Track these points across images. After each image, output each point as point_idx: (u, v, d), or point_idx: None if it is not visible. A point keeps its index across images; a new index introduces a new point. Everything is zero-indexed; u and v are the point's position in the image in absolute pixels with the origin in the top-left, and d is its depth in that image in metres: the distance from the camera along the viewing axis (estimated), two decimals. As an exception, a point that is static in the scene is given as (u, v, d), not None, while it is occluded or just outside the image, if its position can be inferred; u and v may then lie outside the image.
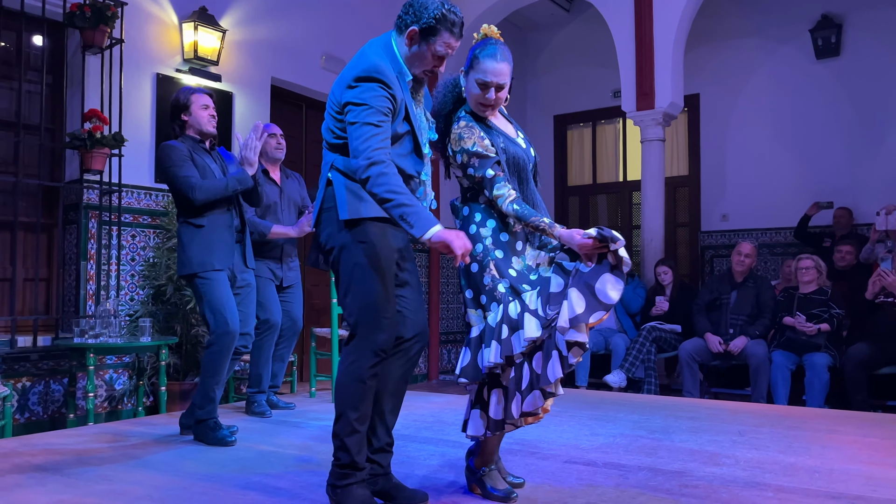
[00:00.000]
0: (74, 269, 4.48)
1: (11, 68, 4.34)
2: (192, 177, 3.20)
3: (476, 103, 2.31)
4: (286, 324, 4.14)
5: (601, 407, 4.20)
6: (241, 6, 5.42)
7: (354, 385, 2.14)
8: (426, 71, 2.22)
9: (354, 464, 2.15)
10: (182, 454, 3.01)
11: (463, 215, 2.34)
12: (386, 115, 2.09)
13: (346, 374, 2.15)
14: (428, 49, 2.15)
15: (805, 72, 6.95)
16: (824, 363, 4.79)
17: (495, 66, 2.25)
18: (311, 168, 6.13)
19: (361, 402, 2.15)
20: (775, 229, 7.06)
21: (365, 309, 2.14)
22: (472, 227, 2.29)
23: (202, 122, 3.36)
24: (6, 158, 4.28)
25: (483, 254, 2.24)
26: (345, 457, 2.14)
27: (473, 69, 2.28)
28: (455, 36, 2.16)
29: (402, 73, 2.18)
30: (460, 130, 2.29)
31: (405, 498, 2.24)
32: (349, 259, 2.16)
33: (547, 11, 8.10)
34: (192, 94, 3.38)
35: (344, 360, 2.18)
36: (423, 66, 2.20)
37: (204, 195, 3.20)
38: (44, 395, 4.22)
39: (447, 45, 2.15)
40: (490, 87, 2.26)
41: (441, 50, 2.16)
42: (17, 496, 2.35)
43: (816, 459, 2.89)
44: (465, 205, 2.34)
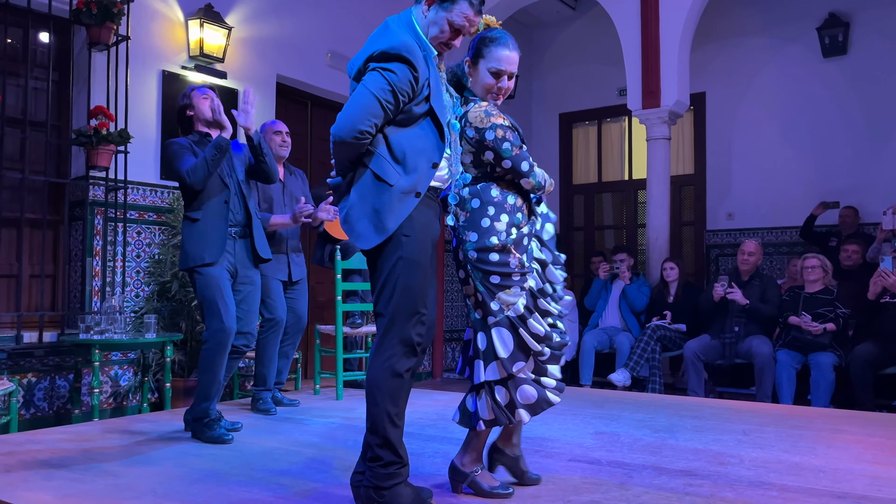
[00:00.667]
0: (80, 265, 4.49)
1: (18, 65, 4.35)
2: (184, 164, 3.23)
3: (486, 92, 2.31)
4: (291, 320, 4.15)
5: (605, 406, 4.19)
6: (247, 3, 5.42)
7: (392, 380, 2.09)
8: (442, 44, 2.18)
9: (399, 460, 2.11)
10: (187, 450, 3.01)
11: (472, 207, 2.30)
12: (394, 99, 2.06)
13: (382, 369, 2.09)
14: (445, 16, 2.13)
15: (812, 70, 6.92)
16: (830, 363, 4.77)
17: (509, 54, 2.28)
18: (317, 165, 6.13)
19: (400, 398, 2.11)
20: (781, 228, 7.04)
21: (405, 303, 2.09)
22: (486, 220, 2.27)
23: (204, 112, 3.41)
24: (13, 155, 4.29)
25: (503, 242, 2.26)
26: (388, 454, 2.09)
27: (484, 58, 2.28)
28: (474, 9, 2.14)
29: (427, 50, 2.14)
30: (484, 108, 2.28)
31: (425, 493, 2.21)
32: (393, 252, 2.10)
33: (553, 9, 8.09)
34: (191, 91, 3.47)
35: (379, 355, 2.10)
36: (439, 36, 2.16)
37: (193, 177, 3.23)
38: (49, 390, 4.23)
39: (465, 16, 2.14)
40: (503, 76, 2.29)
41: (458, 21, 2.13)
42: (23, 491, 2.36)
43: (821, 459, 2.88)
44: (475, 196, 2.30)
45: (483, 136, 2.26)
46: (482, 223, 2.27)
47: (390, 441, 2.08)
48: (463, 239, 2.31)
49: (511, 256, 2.26)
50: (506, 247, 2.25)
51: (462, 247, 2.31)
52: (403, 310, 2.09)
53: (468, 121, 2.29)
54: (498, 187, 2.30)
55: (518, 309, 2.26)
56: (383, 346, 2.10)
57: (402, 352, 2.09)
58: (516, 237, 2.28)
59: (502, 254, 2.26)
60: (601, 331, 5.93)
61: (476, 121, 2.27)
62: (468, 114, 2.30)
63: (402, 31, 2.12)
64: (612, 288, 6.11)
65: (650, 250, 6.35)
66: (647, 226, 6.46)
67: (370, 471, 2.10)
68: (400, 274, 2.09)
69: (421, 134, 2.13)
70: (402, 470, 2.10)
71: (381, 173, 2.09)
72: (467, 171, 2.33)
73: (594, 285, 6.27)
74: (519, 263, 2.27)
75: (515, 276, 2.26)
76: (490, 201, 2.28)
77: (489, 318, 2.27)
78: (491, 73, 2.28)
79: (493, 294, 2.26)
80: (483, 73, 2.30)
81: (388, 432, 2.08)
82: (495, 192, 2.29)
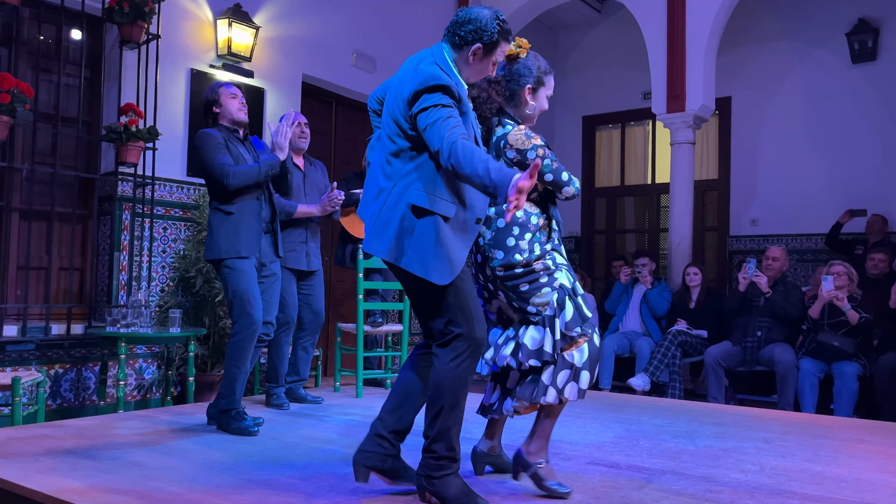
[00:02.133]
0: (108, 259, 4.56)
1: (51, 62, 4.44)
2: (227, 164, 3.29)
3: (534, 117, 2.53)
4: (309, 316, 4.19)
5: (625, 410, 4.18)
6: (275, 3, 5.48)
7: (457, 383, 2.21)
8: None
9: (453, 456, 2.24)
10: (209, 443, 3.06)
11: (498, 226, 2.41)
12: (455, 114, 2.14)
13: (448, 372, 2.21)
14: (489, 60, 2.29)
15: (840, 76, 6.85)
16: (854, 372, 4.72)
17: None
18: (340, 164, 6.18)
19: (462, 399, 2.24)
20: (806, 235, 6.97)
21: (464, 309, 2.22)
22: (511, 239, 2.40)
23: (232, 111, 3.47)
24: (44, 150, 4.38)
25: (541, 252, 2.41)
26: (443, 449, 2.22)
27: (545, 86, 2.51)
28: (509, 42, 2.33)
29: (459, 84, 2.25)
30: (524, 131, 2.44)
31: (410, 477, 2.35)
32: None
33: (578, 12, 8.07)
34: (219, 87, 3.53)
35: (444, 358, 2.22)
36: (482, 75, 2.33)
37: (237, 181, 3.29)
38: (76, 382, 4.31)
39: (504, 52, 2.33)
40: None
41: (500, 59, 2.32)
42: (51, 479, 2.41)
43: (844, 469, 2.86)
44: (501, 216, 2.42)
45: (525, 156, 2.39)
46: (507, 242, 2.39)
47: (447, 438, 2.23)
48: (489, 256, 2.42)
49: (536, 264, 2.39)
50: (529, 263, 2.38)
51: (488, 264, 2.42)
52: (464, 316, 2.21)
53: (508, 143, 2.41)
54: (523, 208, 2.40)
55: (553, 305, 2.38)
56: (450, 350, 2.22)
57: (468, 354, 2.22)
58: (539, 253, 2.40)
59: (526, 268, 2.38)
60: (621, 335, 5.91)
61: (517, 143, 2.40)
62: (507, 136, 2.42)
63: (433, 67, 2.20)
64: (633, 292, 6.09)
65: (672, 255, 6.31)
66: (669, 230, 6.42)
67: (424, 460, 2.26)
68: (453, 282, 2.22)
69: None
70: (452, 464, 2.24)
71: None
72: None
73: (615, 289, 6.25)
74: (544, 266, 2.39)
75: (543, 279, 2.39)
76: (515, 221, 2.40)
77: (530, 318, 2.40)
78: (548, 98, 2.54)
79: (526, 300, 2.40)
80: (543, 100, 2.52)
81: (447, 430, 2.22)
82: (520, 213, 2.40)
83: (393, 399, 2.36)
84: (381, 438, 2.33)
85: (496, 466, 2.65)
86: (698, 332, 5.56)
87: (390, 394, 2.39)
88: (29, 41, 4.38)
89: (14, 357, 4.03)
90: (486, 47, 2.24)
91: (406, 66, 2.27)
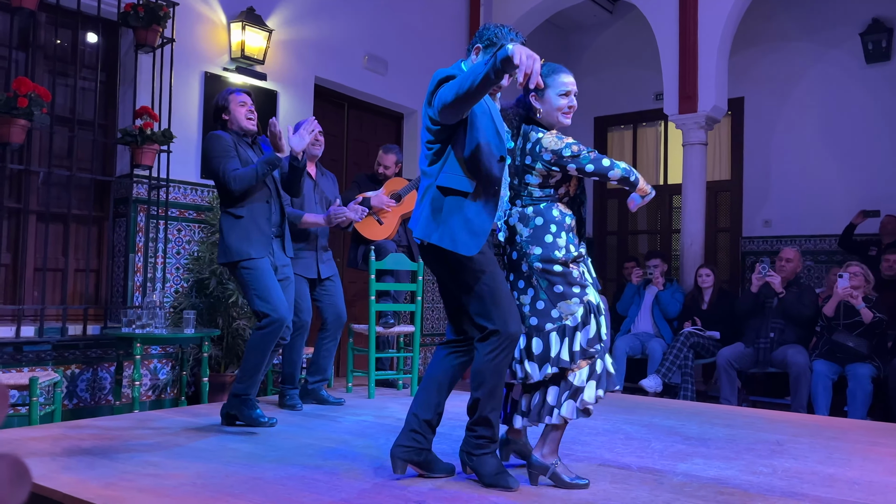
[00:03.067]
0: (123, 260, 4.61)
1: (67, 66, 4.50)
2: (230, 169, 3.32)
3: (559, 114, 2.63)
4: (331, 317, 4.22)
5: (636, 411, 4.18)
6: (288, 6, 5.52)
7: (494, 374, 2.46)
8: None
9: (493, 438, 2.51)
10: (224, 443, 3.09)
11: (536, 224, 2.57)
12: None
13: (489, 363, 2.45)
14: None
15: (854, 76, 6.81)
16: (868, 374, 4.69)
17: (569, 76, 2.65)
18: (352, 166, 6.21)
19: (499, 387, 2.50)
20: (819, 236, 6.93)
21: (499, 305, 2.44)
22: (549, 236, 2.55)
23: (240, 119, 3.50)
24: (61, 152, 4.44)
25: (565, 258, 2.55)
26: (484, 431, 2.50)
27: (549, 87, 2.61)
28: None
29: None
30: (555, 134, 2.60)
31: (441, 468, 2.59)
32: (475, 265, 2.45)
33: (590, 13, 8.07)
34: (229, 94, 3.55)
35: (482, 352, 2.46)
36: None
37: (239, 185, 3.32)
38: (91, 382, 4.36)
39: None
40: (570, 94, 2.62)
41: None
42: (68, 479, 2.44)
43: (857, 471, 2.84)
44: (539, 215, 2.58)
45: (560, 154, 2.53)
46: (545, 238, 2.55)
47: (489, 422, 2.49)
48: (526, 252, 2.57)
49: (573, 268, 2.55)
50: (567, 263, 2.54)
51: (526, 259, 2.57)
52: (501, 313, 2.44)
53: (543, 147, 2.56)
54: (559, 208, 2.60)
55: (576, 319, 2.52)
56: (489, 345, 2.44)
57: (505, 348, 2.45)
58: (576, 254, 2.57)
59: (565, 266, 2.54)
60: (633, 336, 5.90)
61: (551, 145, 2.55)
62: (541, 141, 2.57)
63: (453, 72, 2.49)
64: (645, 293, 6.08)
65: (684, 256, 6.30)
66: (681, 231, 6.41)
67: (466, 437, 2.55)
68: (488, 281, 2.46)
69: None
70: (490, 445, 2.51)
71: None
72: (532, 193, 2.61)
73: (627, 290, 6.24)
74: (580, 275, 2.56)
75: (576, 288, 2.54)
76: (552, 220, 2.57)
77: (547, 325, 2.53)
78: (560, 95, 2.61)
79: (554, 303, 2.53)
80: (553, 99, 2.61)
81: (488, 415, 2.49)
82: (556, 212, 2.59)
83: (423, 395, 2.60)
84: (416, 433, 2.56)
85: (522, 454, 2.80)
86: (711, 333, 5.55)
87: (420, 390, 2.63)
88: (45, 45, 4.43)
89: (31, 357, 4.08)
90: (484, 49, 2.52)
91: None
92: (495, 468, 2.48)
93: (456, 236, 2.41)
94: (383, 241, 4.78)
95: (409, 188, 4.87)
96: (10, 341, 3.98)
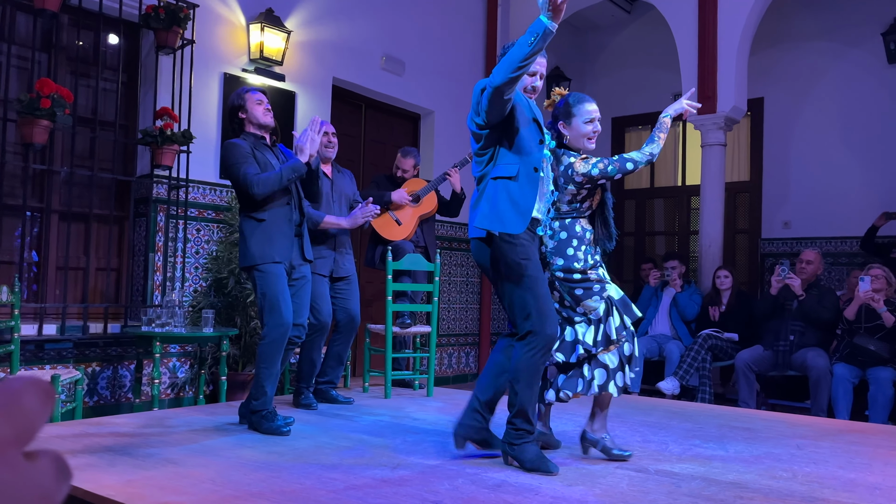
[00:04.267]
0: (143, 260, 4.66)
1: (89, 67, 4.55)
2: (250, 174, 3.33)
3: (585, 139, 2.98)
4: (344, 319, 4.23)
5: (654, 414, 4.16)
6: (306, 8, 5.55)
7: (531, 371, 2.73)
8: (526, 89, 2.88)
9: (529, 428, 2.76)
10: (241, 442, 3.11)
11: (560, 238, 2.92)
12: None
13: (527, 361, 2.72)
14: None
15: (876, 76, 6.72)
16: (889, 377, 4.63)
17: (593, 104, 3.00)
18: (369, 166, 6.23)
19: (536, 382, 2.78)
20: (840, 238, 6.85)
21: (541, 309, 2.71)
22: (570, 249, 2.91)
23: (258, 115, 3.50)
24: (83, 153, 4.49)
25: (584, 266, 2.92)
26: (521, 422, 2.74)
27: (576, 115, 2.96)
28: (544, 57, 2.89)
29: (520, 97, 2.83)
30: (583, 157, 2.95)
31: (496, 445, 2.88)
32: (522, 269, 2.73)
33: (607, 13, 8.04)
34: (245, 92, 3.54)
35: (521, 350, 2.74)
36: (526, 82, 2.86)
37: (262, 189, 3.32)
38: (112, 380, 4.41)
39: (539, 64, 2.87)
40: (594, 121, 2.97)
41: (535, 67, 2.85)
42: (90, 475, 2.47)
43: (878, 476, 2.81)
44: (564, 230, 2.94)
45: (590, 172, 2.89)
46: (567, 251, 2.91)
47: (526, 414, 2.74)
48: (549, 262, 2.93)
49: (591, 273, 2.91)
50: (585, 271, 2.90)
51: (549, 268, 2.93)
52: (540, 315, 2.71)
53: (574, 170, 2.91)
54: (581, 224, 2.96)
55: (598, 313, 2.89)
56: (527, 344, 2.72)
57: (542, 349, 2.72)
58: (592, 263, 2.93)
59: (583, 274, 2.89)
60: (650, 338, 5.87)
61: (581, 168, 2.91)
62: (573, 166, 2.92)
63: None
64: (663, 295, 6.04)
65: (703, 258, 6.25)
66: (699, 233, 6.36)
67: (507, 430, 2.78)
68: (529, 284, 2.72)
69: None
70: (529, 434, 2.75)
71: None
72: (560, 208, 2.96)
73: (644, 292, 6.21)
74: (598, 278, 2.92)
75: (596, 287, 2.90)
76: (575, 235, 2.93)
77: (576, 317, 2.92)
78: (586, 122, 2.96)
79: (578, 302, 2.91)
80: (579, 126, 2.96)
81: (526, 407, 2.73)
82: (579, 227, 2.94)
83: (485, 379, 2.92)
84: (477, 413, 2.87)
85: (547, 445, 3.06)
86: (729, 335, 5.50)
87: (482, 375, 2.95)
88: (68, 47, 4.49)
89: (53, 355, 4.13)
90: None
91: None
92: (535, 454, 2.72)
93: (503, 217, 2.68)
94: (401, 241, 4.79)
95: (427, 189, 4.87)
96: (32, 339, 4.03)
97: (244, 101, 3.51)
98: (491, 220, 2.69)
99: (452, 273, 6.81)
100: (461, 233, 6.87)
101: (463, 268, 6.94)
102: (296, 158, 3.44)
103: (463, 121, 6.86)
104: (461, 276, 6.93)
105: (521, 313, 2.71)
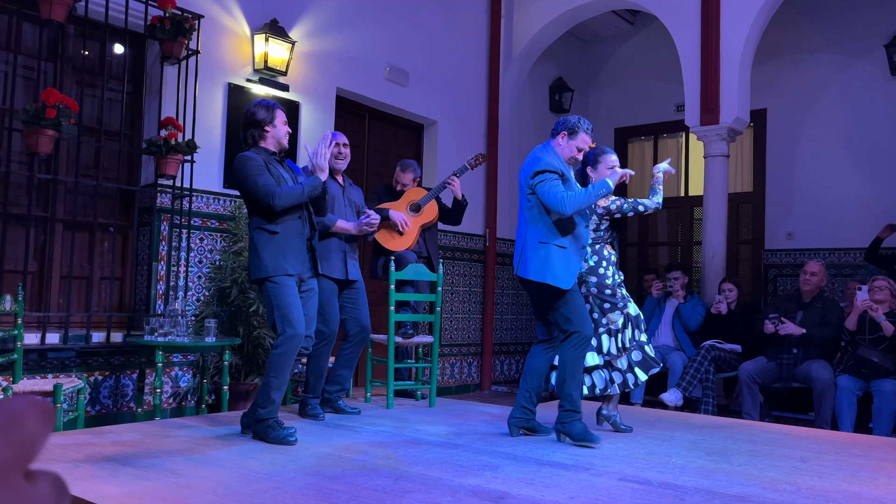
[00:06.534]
0: (146, 269, 4.67)
1: (95, 77, 4.58)
2: (270, 185, 3.35)
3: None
4: (354, 330, 4.23)
5: (657, 426, 4.14)
6: (310, 18, 5.58)
7: (576, 363, 3.47)
8: (570, 159, 3.56)
9: (576, 409, 3.45)
10: (244, 452, 3.11)
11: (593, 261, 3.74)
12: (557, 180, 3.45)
13: (572, 355, 3.46)
14: (574, 144, 3.54)
15: (879, 88, 6.73)
16: (893, 390, 4.61)
17: (614, 155, 3.82)
18: (373, 177, 6.24)
19: (579, 372, 3.50)
20: (844, 250, 6.84)
21: (581, 315, 3.47)
22: (601, 269, 3.73)
23: (282, 137, 3.54)
24: (88, 162, 4.51)
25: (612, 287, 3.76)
26: (569, 405, 3.45)
27: (601, 163, 3.77)
28: (589, 136, 3.56)
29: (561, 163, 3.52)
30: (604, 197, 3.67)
31: (543, 430, 3.63)
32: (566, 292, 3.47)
33: (611, 24, 8.07)
34: (275, 109, 3.53)
35: (566, 347, 3.47)
36: (569, 154, 3.55)
37: (283, 201, 3.35)
38: (114, 389, 4.41)
39: (584, 140, 3.55)
40: (616, 167, 3.68)
41: (581, 145, 3.55)
42: (91, 485, 2.47)
43: (882, 489, 2.79)
44: (595, 255, 3.76)
45: (610, 209, 3.75)
46: (598, 271, 3.73)
47: (574, 399, 3.45)
48: (585, 280, 3.74)
49: (617, 290, 3.75)
50: (613, 287, 3.74)
51: (585, 285, 3.74)
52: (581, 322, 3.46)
53: (597, 205, 3.73)
54: (607, 249, 3.79)
55: (617, 325, 3.74)
56: (571, 344, 3.46)
57: (584, 348, 3.50)
58: (619, 280, 3.77)
59: (611, 289, 3.73)
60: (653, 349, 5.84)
61: (603, 203, 3.75)
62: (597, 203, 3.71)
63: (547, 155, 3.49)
64: (666, 306, 6.03)
65: (706, 269, 6.24)
66: (703, 244, 6.36)
67: (559, 412, 3.50)
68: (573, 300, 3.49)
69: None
70: (576, 413, 3.45)
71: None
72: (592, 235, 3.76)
73: (647, 303, 6.19)
74: (622, 296, 3.76)
75: (620, 304, 3.75)
76: (603, 258, 3.76)
77: (600, 328, 3.74)
78: (608, 168, 3.72)
79: (603, 314, 3.75)
80: (603, 172, 3.72)
81: (575, 392, 3.45)
82: (606, 252, 3.77)
83: (528, 379, 3.61)
84: (524, 408, 3.60)
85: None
86: (732, 346, 5.48)
87: (524, 376, 3.62)
88: (73, 57, 4.52)
89: (56, 364, 4.14)
90: (569, 133, 3.53)
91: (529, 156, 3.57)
92: (582, 430, 3.40)
93: (557, 275, 3.39)
94: (404, 251, 4.80)
95: (428, 198, 4.87)
96: (35, 348, 4.04)
97: (275, 117, 3.50)
98: (546, 276, 3.38)
99: (455, 283, 6.81)
100: (464, 242, 6.88)
101: (466, 277, 6.94)
102: (314, 177, 3.47)
103: (466, 131, 6.91)
104: (464, 286, 6.92)
105: (565, 321, 3.46)
